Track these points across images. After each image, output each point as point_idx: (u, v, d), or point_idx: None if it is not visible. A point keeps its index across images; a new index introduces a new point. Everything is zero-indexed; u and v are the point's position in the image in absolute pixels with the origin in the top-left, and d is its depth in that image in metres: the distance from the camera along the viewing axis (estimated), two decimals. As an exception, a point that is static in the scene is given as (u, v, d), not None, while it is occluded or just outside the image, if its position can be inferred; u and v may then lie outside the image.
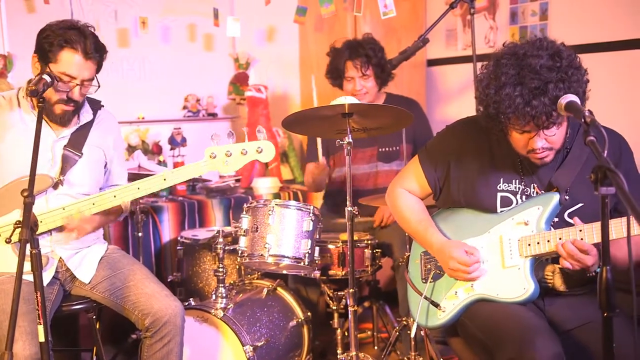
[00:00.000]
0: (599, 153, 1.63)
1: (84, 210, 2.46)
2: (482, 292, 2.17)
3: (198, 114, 4.54)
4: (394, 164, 3.52)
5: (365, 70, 3.40)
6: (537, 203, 2.14)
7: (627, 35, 3.53)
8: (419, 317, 2.31)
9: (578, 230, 2.02)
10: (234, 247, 2.96)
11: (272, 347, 2.93)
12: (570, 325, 2.11)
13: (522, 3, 4.07)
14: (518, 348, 1.90)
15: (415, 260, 2.41)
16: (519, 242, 2.14)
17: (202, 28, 4.50)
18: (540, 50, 1.99)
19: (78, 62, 2.44)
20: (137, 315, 2.50)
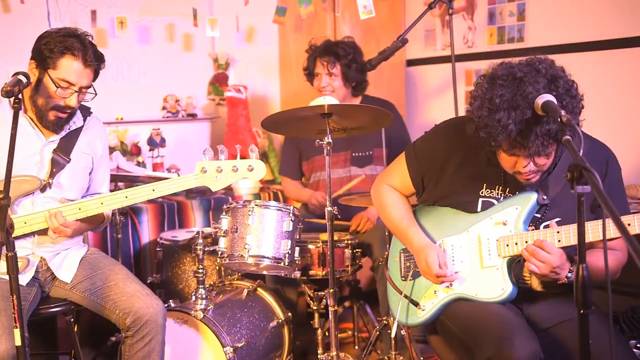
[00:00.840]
0: (574, 152, 1.65)
1: (67, 215, 2.45)
2: (461, 292, 2.18)
3: (177, 115, 4.51)
4: (367, 169, 3.53)
5: (332, 69, 3.41)
6: (515, 203, 2.15)
7: (604, 36, 3.58)
8: (399, 315, 2.32)
9: (556, 232, 2.03)
10: (213, 248, 2.95)
11: (252, 348, 2.92)
12: (548, 323, 2.13)
13: (500, 4, 4.10)
14: (496, 346, 1.91)
15: (394, 257, 2.42)
16: (497, 242, 2.15)
17: (181, 28, 4.47)
18: (539, 76, 1.92)
19: (77, 69, 2.45)
20: (118, 315, 2.49)
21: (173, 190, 2.49)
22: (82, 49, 2.46)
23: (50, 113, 2.48)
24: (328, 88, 3.43)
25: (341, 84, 3.44)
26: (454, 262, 2.21)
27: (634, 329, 2.69)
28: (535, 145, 1.89)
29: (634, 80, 3.50)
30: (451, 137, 2.29)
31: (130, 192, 2.48)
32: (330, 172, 2.61)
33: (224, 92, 4.47)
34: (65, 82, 2.44)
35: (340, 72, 3.42)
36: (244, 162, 2.46)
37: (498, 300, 2.11)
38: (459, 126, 2.31)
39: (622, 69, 3.53)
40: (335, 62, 3.41)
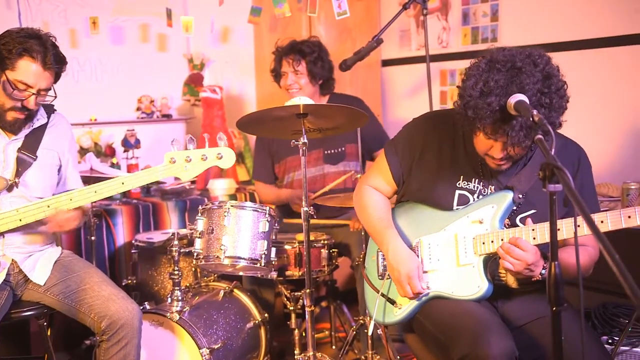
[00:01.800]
0: (546, 151, 1.67)
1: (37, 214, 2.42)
2: (437, 290, 2.20)
3: (152, 115, 4.49)
4: (341, 165, 3.54)
5: (297, 66, 3.42)
6: (492, 202, 2.17)
7: (576, 36, 3.63)
8: (376, 314, 2.33)
9: (531, 230, 2.05)
10: (189, 249, 2.94)
11: (229, 350, 2.91)
12: (523, 320, 2.15)
13: (474, 4, 4.14)
14: (471, 344, 1.92)
15: (372, 256, 2.42)
16: (474, 241, 2.16)
17: (155, 28, 4.45)
18: (536, 70, 1.95)
19: (36, 71, 2.42)
20: (92, 319, 2.46)
21: (142, 182, 2.47)
22: (42, 51, 2.43)
23: (8, 114, 2.46)
24: (295, 86, 3.44)
25: (307, 81, 3.45)
26: (431, 260, 2.23)
27: (605, 325, 2.73)
28: (518, 136, 1.93)
29: (607, 80, 3.56)
30: (429, 128, 2.32)
31: (99, 186, 2.44)
32: (305, 173, 2.60)
33: (199, 93, 4.45)
34: (23, 84, 2.41)
35: (305, 69, 3.43)
36: (213, 150, 2.43)
37: (474, 298, 2.13)
38: (436, 118, 2.36)
39: (595, 69, 3.58)
40: (301, 60, 3.42)
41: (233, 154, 2.46)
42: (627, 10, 3.45)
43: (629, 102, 3.48)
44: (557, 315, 1.58)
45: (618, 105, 3.51)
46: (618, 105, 3.51)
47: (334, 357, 3.25)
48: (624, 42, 3.46)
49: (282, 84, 3.53)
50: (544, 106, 1.93)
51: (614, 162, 3.46)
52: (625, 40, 3.46)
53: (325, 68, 3.50)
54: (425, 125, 2.34)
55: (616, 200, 3.15)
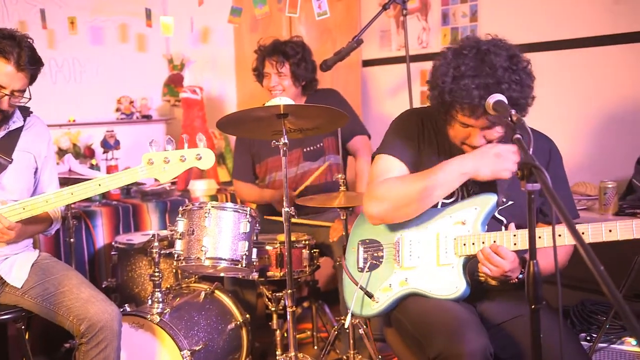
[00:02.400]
0: (524, 150, 1.68)
1: (11, 216, 2.39)
2: (415, 287, 2.21)
3: (132, 116, 4.46)
4: (320, 161, 3.54)
5: (281, 68, 3.42)
6: (475, 204, 2.19)
7: (554, 37, 3.66)
8: (354, 306, 2.32)
9: (512, 235, 2.07)
10: (170, 250, 2.92)
11: (210, 351, 2.90)
12: (501, 319, 2.17)
13: (453, 5, 4.17)
14: (447, 341, 1.93)
15: (352, 247, 2.41)
16: (455, 241, 2.18)
17: (134, 28, 4.42)
18: (501, 50, 2.03)
19: (9, 72, 2.41)
20: (71, 321, 2.44)
21: (120, 184, 2.45)
22: (17, 52, 2.41)
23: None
24: (278, 87, 3.43)
25: (291, 83, 3.44)
26: (411, 257, 2.24)
27: (584, 323, 2.76)
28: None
29: (585, 80, 3.59)
30: (413, 122, 2.33)
31: (75, 188, 2.41)
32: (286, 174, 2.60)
33: (180, 93, 4.43)
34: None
35: (289, 71, 3.43)
36: (192, 151, 2.42)
37: (451, 298, 2.14)
38: (418, 114, 2.37)
39: (574, 69, 3.62)
40: (284, 62, 3.41)
41: (212, 155, 2.45)
42: (605, 10, 3.49)
43: (606, 102, 3.53)
44: (535, 313, 1.60)
45: (596, 105, 3.55)
46: (596, 105, 3.55)
47: (316, 358, 3.26)
48: (602, 42, 3.50)
49: (264, 85, 3.52)
50: (516, 82, 2.00)
51: (591, 161, 3.50)
52: (604, 40, 3.49)
53: (309, 69, 3.49)
54: (410, 120, 2.35)
55: (593, 198, 3.18)
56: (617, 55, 3.46)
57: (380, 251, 2.32)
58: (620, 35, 3.45)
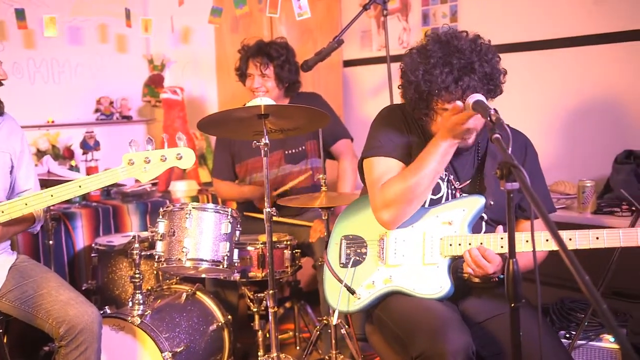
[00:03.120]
0: (504, 150, 1.69)
1: None
2: (399, 285, 2.21)
3: (112, 117, 4.43)
4: (302, 164, 3.54)
5: (265, 70, 3.41)
6: (463, 205, 2.21)
7: (533, 37, 3.69)
8: (335, 301, 2.31)
9: (500, 238, 2.09)
10: (150, 252, 2.91)
11: (192, 352, 2.89)
12: (482, 317, 2.18)
13: (433, 5, 4.19)
14: (430, 340, 1.94)
15: (335, 242, 2.40)
16: (441, 241, 2.19)
17: (114, 28, 4.39)
18: (462, 35, 2.15)
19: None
20: (51, 324, 2.42)
21: (100, 185, 2.40)
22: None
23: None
24: (261, 89, 3.43)
25: (274, 85, 3.44)
26: (396, 255, 2.24)
27: (563, 320, 2.79)
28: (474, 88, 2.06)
29: (564, 80, 3.63)
30: (394, 119, 2.35)
31: (55, 190, 2.37)
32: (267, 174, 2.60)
33: (160, 94, 4.41)
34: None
35: (273, 73, 3.42)
36: (172, 150, 2.39)
37: (435, 297, 2.15)
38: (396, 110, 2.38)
39: (553, 69, 3.65)
40: (268, 64, 3.41)
41: (193, 154, 2.43)
42: (585, 11, 3.52)
43: (585, 101, 3.56)
44: (515, 311, 1.61)
45: (574, 104, 3.59)
46: (574, 105, 3.59)
47: (298, 358, 3.25)
48: (582, 42, 3.54)
49: (247, 85, 3.51)
50: (485, 60, 2.09)
51: (570, 160, 3.53)
52: (583, 40, 3.53)
53: (292, 71, 3.48)
54: (397, 112, 2.36)
55: (572, 197, 3.22)
56: (596, 55, 3.49)
57: (363, 247, 2.32)
58: (600, 36, 3.48)
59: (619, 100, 3.46)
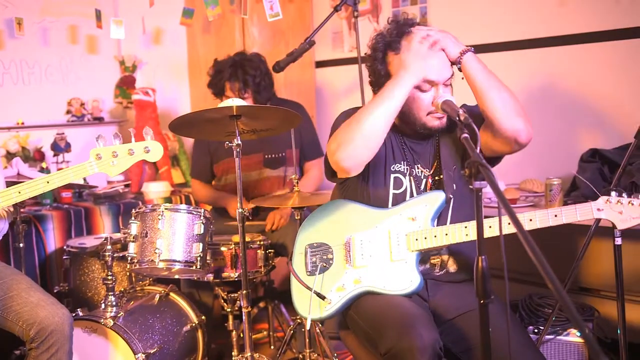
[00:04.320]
0: (472, 149, 1.72)
1: None
2: (369, 285, 2.22)
3: (83, 119, 4.38)
4: (281, 170, 3.55)
5: (243, 94, 3.41)
6: (425, 201, 2.23)
7: (501, 38, 3.74)
8: (305, 309, 2.31)
9: (464, 227, 2.12)
10: (123, 254, 2.88)
11: (165, 354, 2.87)
12: (453, 314, 2.21)
13: (403, 7, 4.22)
14: (397, 336, 1.95)
15: (299, 252, 2.39)
16: (407, 237, 2.21)
17: (84, 29, 4.34)
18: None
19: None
20: (21, 326, 2.38)
21: (69, 180, 2.36)
22: None
23: None
24: None
25: (252, 103, 3.43)
26: (363, 257, 2.25)
27: (532, 316, 2.83)
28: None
29: (530, 82, 3.68)
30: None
31: (22, 187, 2.34)
32: (242, 174, 2.60)
33: (132, 95, 4.37)
34: None
35: (251, 95, 3.43)
36: (140, 144, 2.37)
37: (406, 292, 2.17)
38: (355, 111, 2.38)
39: (520, 69, 3.70)
40: (246, 89, 3.41)
41: (161, 147, 2.41)
42: (550, 13, 3.58)
43: (552, 102, 3.61)
44: (484, 307, 1.63)
45: (542, 105, 3.64)
46: (542, 106, 3.64)
47: (272, 357, 3.25)
48: (546, 44, 3.59)
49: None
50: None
51: (538, 159, 3.58)
52: (548, 42, 3.58)
53: (268, 85, 3.49)
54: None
55: (540, 195, 3.26)
56: (562, 57, 3.55)
57: (329, 253, 2.32)
58: (564, 37, 3.54)
59: (584, 102, 3.51)
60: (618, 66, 3.39)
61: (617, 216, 2.04)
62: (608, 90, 3.44)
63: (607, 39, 3.39)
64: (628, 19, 3.33)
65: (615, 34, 3.37)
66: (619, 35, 3.36)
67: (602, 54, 3.43)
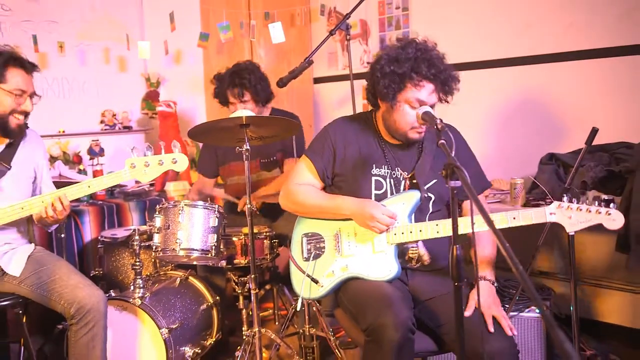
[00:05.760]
0: (448, 153, 1.72)
1: (11, 214, 2.36)
2: (355, 272, 2.22)
3: (114, 127, 4.38)
4: (275, 171, 3.55)
5: (242, 97, 3.39)
6: (402, 199, 2.21)
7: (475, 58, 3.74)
8: (303, 291, 2.31)
9: (435, 225, 2.11)
10: (149, 243, 2.88)
11: (185, 329, 2.88)
12: (429, 295, 2.20)
13: (389, 31, 4.23)
14: (375, 315, 1.95)
15: (296, 241, 2.38)
16: (387, 232, 2.19)
17: (115, 51, 4.34)
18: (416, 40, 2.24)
19: (23, 76, 2.42)
20: (62, 305, 2.40)
21: (106, 185, 2.41)
22: (19, 59, 2.43)
23: (11, 120, 2.44)
24: None
25: (254, 106, 3.42)
26: (350, 246, 2.25)
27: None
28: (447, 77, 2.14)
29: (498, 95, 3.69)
30: (340, 129, 2.36)
31: (68, 189, 2.39)
32: (242, 178, 2.59)
33: (156, 107, 4.37)
34: (19, 90, 2.40)
35: (250, 97, 3.41)
36: (169, 156, 2.39)
37: (386, 279, 2.16)
38: (344, 121, 2.39)
39: (488, 86, 3.71)
40: (244, 92, 3.39)
41: (186, 159, 2.43)
42: (514, 35, 3.58)
43: (515, 112, 3.62)
44: (458, 289, 1.63)
45: (506, 115, 3.65)
46: (506, 116, 3.65)
47: (277, 332, 3.25)
48: (511, 63, 3.60)
49: (230, 111, 3.45)
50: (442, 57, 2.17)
51: (504, 162, 3.59)
52: (513, 61, 3.60)
53: (265, 87, 3.46)
54: (337, 127, 2.37)
55: (505, 193, 3.27)
56: (524, 74, 3.56)
57: (322, 242, 2.31)
58: (525, 58, 3.55)
59: (543, 112, 3.52)
60: (574, 83, 3.40)
61: (567, 220, 1.99)
62: (564, 103, 3.45)
63: (566, 59, 3.40)
64: (584, 41, 3.34)
65: (571, 56, 3.39)
66: (574, 57, 3.38)
67: (561, 72, 3.44)
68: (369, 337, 1.95)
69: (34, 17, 3.91)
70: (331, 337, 2.96)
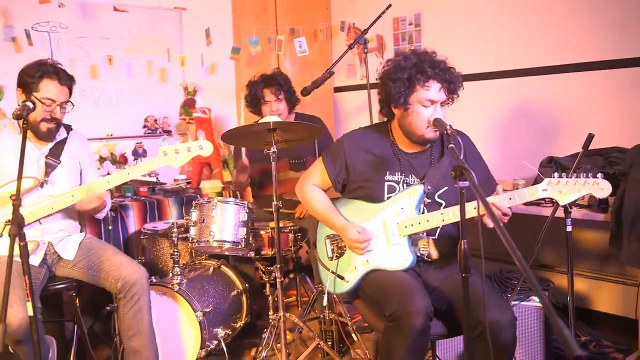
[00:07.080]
0: (456, 156, 1.72)
1: (64, 200, 2.42)
2: (375, 265, 2.22)
3: (155, 131, 4.42)
4: (301, 173, 3.54)
5: (279, 95, 3.41)
6: (408, 194, 2.20)
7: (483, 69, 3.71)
8: (329, 286, 2.33)
9: (440, 214, 2.10)
10: (186, 235, 2.92)
11: (218, 312, 2.90)
12: (438, 282, 2.19)
13: (403, 45, 4.21)
14: (399, 302, 1.95)
15: (321, 242, 2.41)
16: (398, 225, 2.19)
17: (157, 63, 4.38)
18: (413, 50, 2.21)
19: (56, 87, 2.43)
20: (110, 282, 2.45)
21: (143, 171, 2.45)
22: (55, 72, 2.45)
23: (42, 125, 2.46)
24: (278, 112, 3.42)
25: (285, 106, 3.45)
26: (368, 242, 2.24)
27: (501, 286, 2.80)
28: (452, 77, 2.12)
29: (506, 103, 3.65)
30: (356, 138, 2.34)
31: (111, 177, 2.45)
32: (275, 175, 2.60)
33: (193, 113, 4.39)
34: (48, 99, 2.42)
35: (284, 96, 3.43)
36: (195, 143, 2.41)
37: (403, 268, 2.16)
38: (362, 131, 2.38)
39: (495, 94, 3.68)
40: (280, 90, 3.41)
41: (211, 144, 2.43)
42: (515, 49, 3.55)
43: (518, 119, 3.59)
44: (466, 280, 1.63)
45: (510, 121, 3.62)
46: (510, 122, 3.62)
47: (299, 316, 3.26)
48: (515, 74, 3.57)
49: (264, 111, 3.46)
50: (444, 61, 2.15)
51: (508, 164, 3.55)
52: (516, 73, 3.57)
53: (294, 92, 3.50)
54: (354, 137, 2.36)
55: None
56: (527, 84, 3.52)
57: (342, 242, 2.31)
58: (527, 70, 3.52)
59: (543, 119, 3.48)
60: (572, 93, 3.36)
61: (558, 194, 1.97)
62: (563, 111, 3.41)
63: (564, 71, 3.36)
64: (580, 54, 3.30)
65: (569, 68, 3.34)
66: (572, 69, 3.34)
67: (560, 83, 3.40)
68: (392, 323, 1.95)
69: (88, 34, 3.98)
70: (349, 322, 2.96)
